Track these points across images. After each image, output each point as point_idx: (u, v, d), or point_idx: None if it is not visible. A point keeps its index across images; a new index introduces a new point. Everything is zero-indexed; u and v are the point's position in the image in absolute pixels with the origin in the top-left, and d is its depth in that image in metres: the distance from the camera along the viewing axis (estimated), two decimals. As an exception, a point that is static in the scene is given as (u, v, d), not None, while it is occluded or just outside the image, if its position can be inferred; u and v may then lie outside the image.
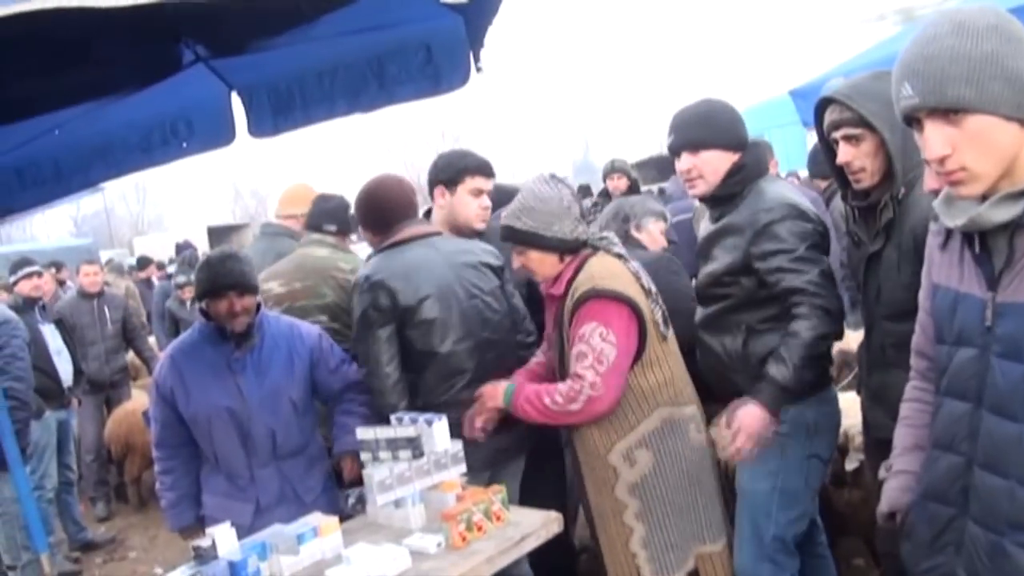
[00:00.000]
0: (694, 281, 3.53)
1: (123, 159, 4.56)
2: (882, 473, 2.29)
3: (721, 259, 3.24)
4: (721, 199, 3.29)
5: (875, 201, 2.83)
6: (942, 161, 1.76)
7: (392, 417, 3.23)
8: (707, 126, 3.27)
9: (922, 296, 2.13)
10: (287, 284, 4.24)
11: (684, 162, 3.28)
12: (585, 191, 11.23)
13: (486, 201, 3.83)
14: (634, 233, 4.26)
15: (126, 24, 2.17)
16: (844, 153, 2.83)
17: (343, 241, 4.52)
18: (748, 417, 3.03)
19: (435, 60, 3.51)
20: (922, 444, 2.13)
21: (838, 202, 4.73)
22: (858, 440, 3.67)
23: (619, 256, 3.28)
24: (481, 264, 3.66)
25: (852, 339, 3.86)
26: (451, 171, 3.78)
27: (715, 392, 3.39)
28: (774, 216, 3.10)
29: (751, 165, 3.27)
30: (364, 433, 3.22)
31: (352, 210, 4.03)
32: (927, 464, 2.06)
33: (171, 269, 13.41)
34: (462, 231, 3.81)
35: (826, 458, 3.32)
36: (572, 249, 3.26)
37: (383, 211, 3.69)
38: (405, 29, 3.40)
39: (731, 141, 3.26)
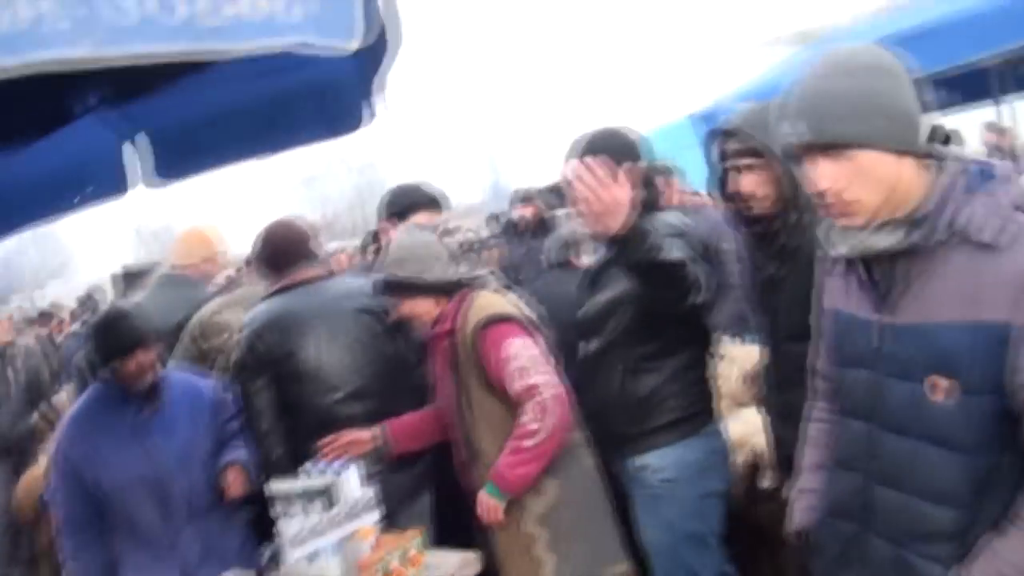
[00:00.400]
0: None
1: (13, 216, 4.41)
2: (788, 493, 2.34)
3: (613, 287, 3.18)
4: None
5: (770, 226, 2.89)
6: (823, 194, 1.85)
7: (301, 469, 3.17)
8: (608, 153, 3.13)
9: (817, 319, 2.19)
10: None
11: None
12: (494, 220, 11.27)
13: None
14: (574, 260, 4.18)
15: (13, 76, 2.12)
16: (739, 182, 2.89)
17: None
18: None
19: (330, 104, 3.48)
20: (825, 463, 2.19)
21: None
22: (767, 457, 3.72)
23: (497, 291, 3.31)
24: (366, 309, 3.64)
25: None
26: (399, 205, 3.80)
27: (594, 433, 3.30)
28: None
29: (647, 196, 3.17)
30: (275, 486, 3.16)
31: None
32: (830, 482, 2.12)
33: (75, 327, 12.92)
34: None
35: (723, 491, 3.28)
36: (450, 290, 3.27)
37: (275, 255, 3.70)
38: (300, 73, 3.36)
39: None
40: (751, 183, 2.84)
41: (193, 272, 5.07)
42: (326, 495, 3.05)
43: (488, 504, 3.13)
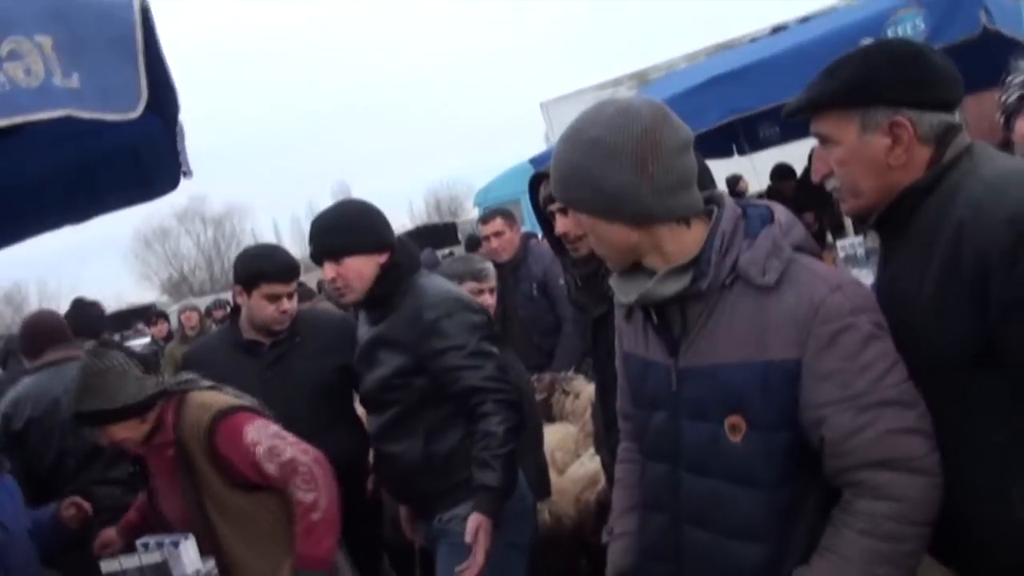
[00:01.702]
0: None
1: None
2: (604, 537, 2.35)
3: (389, 362, 3.14)
4: (378, 301, 3.20)
5: (594, 268, 2.93)
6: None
7: (138, 543, 3.03)
8: (345, 231, 3.17)
9: (617, 363, 2.23)
10: None
11: (327, 271, 3.17)
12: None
13: (285, 304, 3.66)
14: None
15: None
16: (561, 224, 2.93)
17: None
18: (483, 535, 2.90)
19: (143, 165, 3.39)
20: (636, 504, 2.20)
21: None
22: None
23: (210, 387, 3.22)
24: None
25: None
26: (245, 274, 3.65)
27: (400, 498, 3.32)
28: (439, 312, 3.05)
29: (404, 262, 3.21)
30: (108, 565, 3.01)
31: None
32: (640, 525, 2.14)
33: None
34: (263, 329, 3.71)
35: (524, 544, 3.23)
36: (149, 406, 3.10)
37: (31, 337, 4.25)
38: (110, 136, 3.26)
39: (372, 244, 3.16)
40: (565, 224, 2.89)
41: None
42: (162, 571, 2.92)
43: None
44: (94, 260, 61.04)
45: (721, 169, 8.84)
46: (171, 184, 3.40)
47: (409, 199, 59.67)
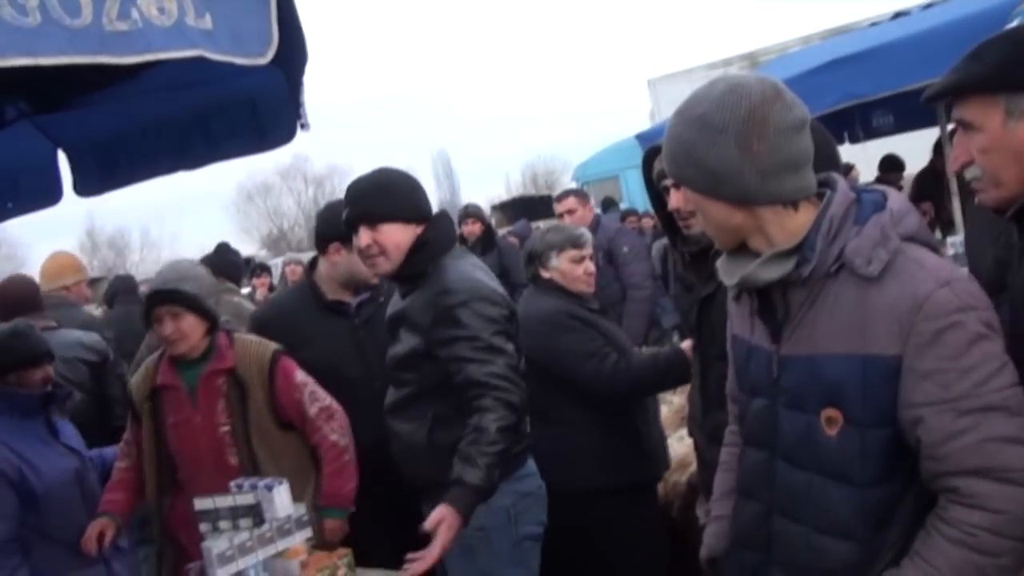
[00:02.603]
0: None
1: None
2: (701, 518, 2.32)
3: (406, 342, 3.07)
4: (407, 278, 3.12)
5: (706, 245, 2.87)
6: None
7: (231, 484, 3.11)
8: (385, 196, 3.08)
9: (728, 345, 2.18)
10: None
11: (363, 237, 3.08)
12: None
13: None
14: (544, 274, 3.82)
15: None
16: (674, 199, 2.88)
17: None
18: (445, 528, 2.72)
19: (260, 116, 3.45)
20: (735, 489, 2.17)
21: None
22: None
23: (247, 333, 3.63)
24: (78, 358, 4.40)
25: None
26: (323, 234, 3.73)
27: (406, 481, 3.26)
28: (456, 299, 2.94)
29: (436, 240, 3.10)
30: (202, 503, 3.09)
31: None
32: (735, 511, 2.11)
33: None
34: (357, 285, 3.76)
35: (539, 534, 3.16)
36: (216, 325, 3.41)
37: (4, 307, 4.29)
38: (230, 84, 3.33)
39: (411, 213, 3.08)
40: (678, 200, 2.84)
41: (67, 293, 5.17)
42: (255, 512, 2.99)
43: (335, 526, 3.42)
44: (195, 212, 62.78)
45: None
46: (287, 136, 3.43)
47: (506, 171, 59.64)
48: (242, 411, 3.34)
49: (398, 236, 3.05)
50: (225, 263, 4.73)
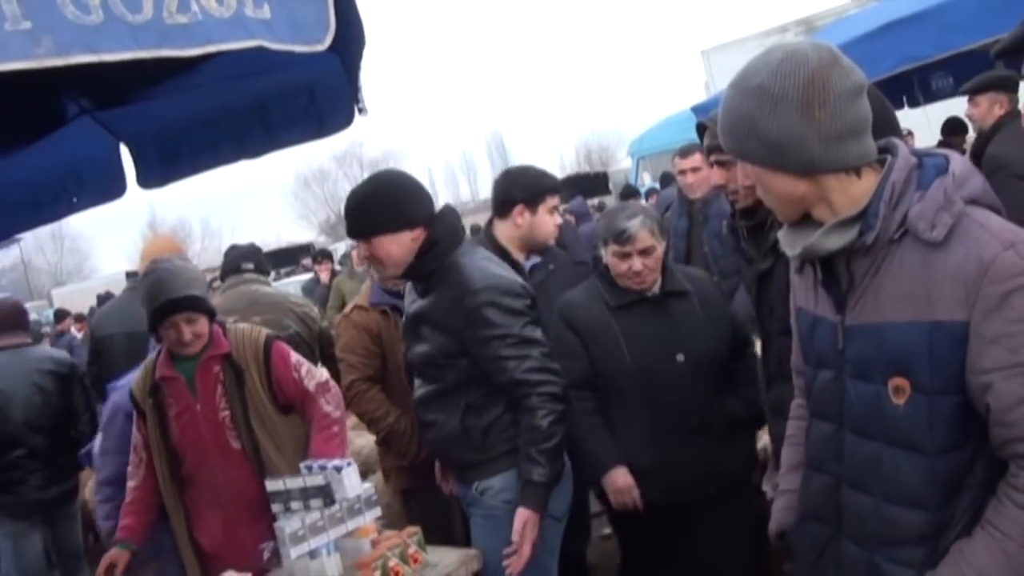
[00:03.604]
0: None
1: (13, 219, 4.44)
2: (769, 492, 2.30)
3: (433, 341, 3.13)
4: (419, 277, 3.19)
5: (761, 220, 2.85)
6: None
7: (301, 466, 3.17)
8: (373, 210, 3.14)
9: (792, 318, 2.16)
10: (244, 319, 4.21)
11: (362, 249, 3.30)
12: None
13: (559, 219, 3.83)
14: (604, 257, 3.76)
15: (5, 81, 2.12)
16: (718, 176, 2.87)
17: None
18: (530, 528, 2.92)
19: (318, 103, 3.48)
20: (803, 462, 2.15)
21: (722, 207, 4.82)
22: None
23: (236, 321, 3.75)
24: (48, 371, 4.93)
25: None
26: (533, 190, 3.72)
27: (439, 460, 3.48)
28: (482, 299, 3.00)
29: (443, 239, 3.14)
30: (273, 484, 3.16)
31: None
32: (803, 484, 2.09)
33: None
34: (537, 248, 3.82)
35: (560, 515, 3.18)
36: (212, 311, 3.52)
37: None
38: (287, 73, 3.36)
39: (399, 223, 3.11)
40: (722, 177, 2.83)
41: None
42: (325, 492, 3.05)
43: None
44: (255, 202, 63.81)
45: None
46: (346, 121, 3.45)
47: (560, 149, 59.49)
48: (240, 395, 3.43)
49: (388, 247, 3.13)
50: (257, 261, 4.78)
